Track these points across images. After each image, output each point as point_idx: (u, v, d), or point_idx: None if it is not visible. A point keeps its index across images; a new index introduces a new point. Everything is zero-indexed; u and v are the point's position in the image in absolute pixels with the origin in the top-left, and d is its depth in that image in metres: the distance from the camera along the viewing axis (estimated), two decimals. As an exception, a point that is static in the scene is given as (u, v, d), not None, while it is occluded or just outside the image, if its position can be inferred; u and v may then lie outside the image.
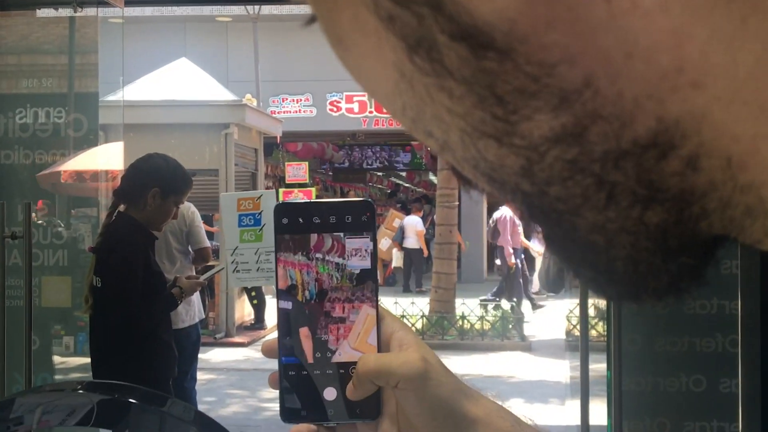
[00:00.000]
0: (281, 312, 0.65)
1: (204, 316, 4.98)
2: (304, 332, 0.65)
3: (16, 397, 0.66)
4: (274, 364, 0.65)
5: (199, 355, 4.71)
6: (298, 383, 0.64)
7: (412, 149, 20.18)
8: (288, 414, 0.64)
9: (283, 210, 0.65)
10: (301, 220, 0.65)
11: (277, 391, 0.65)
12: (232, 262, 2.77)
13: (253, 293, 9.84)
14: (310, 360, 0.64)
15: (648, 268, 0.30)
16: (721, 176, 0.27)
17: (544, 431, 0.65)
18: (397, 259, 14.63)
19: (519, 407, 0.76)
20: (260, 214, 2.75)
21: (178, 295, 3.27)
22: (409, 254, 14.46)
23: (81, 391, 0.70)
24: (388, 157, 20.23)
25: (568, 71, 0.27)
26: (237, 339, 9.47)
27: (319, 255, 0.65)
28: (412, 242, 14.35)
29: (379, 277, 0.68)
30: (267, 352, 0.66)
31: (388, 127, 16.51)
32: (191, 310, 4.36)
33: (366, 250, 0.65)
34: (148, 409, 0.68)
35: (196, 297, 4.27)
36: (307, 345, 0.65)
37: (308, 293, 0.65)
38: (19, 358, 2.98)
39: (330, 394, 0.64)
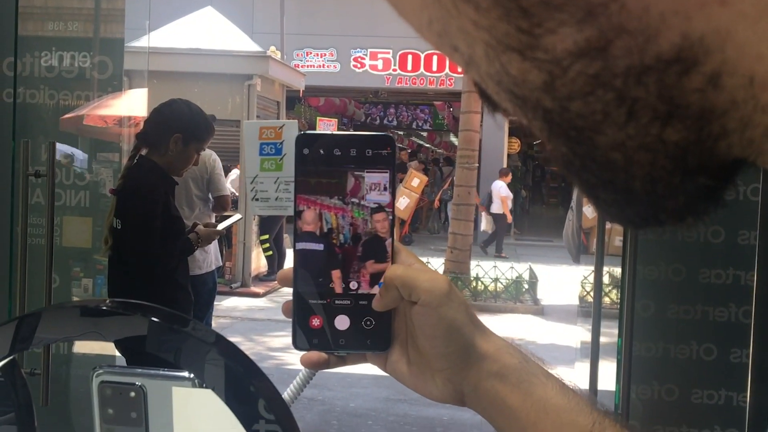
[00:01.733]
0: (298, 241, 0.66)
1: (221, 264, 5.02)
2: (319, 262, 0.66)
3: (42, 311, 0.68)
4: (287, 316, 0.66)
5: (215, 303, 4.77)
6: (311, 312, 0.65)
7: (434, 109, 20.06)
8: (300, 341, 0.66)
9: (304, 140, 0.66)
10: (321, 151, 0.65)
11: (289, 329, 0.66)
12: (251, 190, 2.77)
13: (267, 245, 9.90)
14: (324, 290, 0.66)
15: (666, 187, 0.30)
16: (742, 95, 0.27)
17: (552, 369, 0.66)
18: (486, 223, 14.57)
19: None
20: (281, 143, 2.74)
21: (195, 241, 3.30)
22: (494, 219, 14.39)
23: (104, 308, 0.71)
24: (410, 116, 20.12)
25: None
26: (253, 289, 9.57)
27: (339, 186, 0.65)
28: (496, 207, 14.25)
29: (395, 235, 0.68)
30: (282, 280, 0.67)
31: (411, 85, 16.40)
32: (208, 258, 4.40)
33: (385, 185, 0.66)
34: (171, 328, 0.70)
35: (213, 245, 4.31)
36: (322, 275, 0.66)
37: (325, 223, 0.65)
38: (39, 296, 3.03)
39: (342, 324, 0.65)
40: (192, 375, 0.73)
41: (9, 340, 0.69)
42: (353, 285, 0.65)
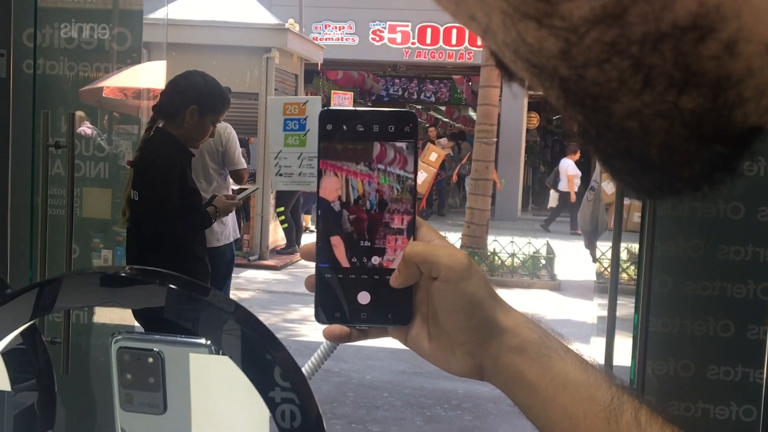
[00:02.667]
0: (320, 217, 0.66)
1: (239, 237, 5.05)
2: (342, 237, 0.66)
3: (63, 277, 0.69)
4: (304, 289, 0.66)
5: (232, 276, 4.81)
6: (334, 286, 0.66)
7: (452, 83, 19.94)
8: (322, 315, 0.66)
9: (327, 116, 0.66)
10: (345, 127, 0.65)
11: (311, 303, 0.66)
12: (275, 165, 2.79)
13: (282, 218, 9.94)
14: (347, 264, 0.66)
15: (682, 155, 0.30)
16: (758, 62, 0.27)
17: (572, 344, 0.66)
18: (552, 200, 14.56)
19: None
20: (305, 119, 2.75)
21: (213, 214, 3.32)
22: (560, 197, 14.32)
23: (124, 274, 0.72)
24: (428, 90, 20.02)
25: None
26: (270, 262, 9.62)
27: (362, 163, 0.66)
28: (563, 186, 14.17)
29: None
30: (305, 255, 0.67)
31: (429, 59, 16.31)
32: (226, 230, 4.42)
33: (407, 161, 0.66)
34: (190, 296, 0.71)
35: (231, 217, 4.33)
36: (344, 250, 0.66)
37: (348, 199, 0.66)
38: (59, 266, 3.07)
39: (364, 298, 0.66)
40: (209, 342, 0.74)
41: (30, 306, 0.70)
42: (375, 260, 0.66)
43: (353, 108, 0.68)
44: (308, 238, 9.46)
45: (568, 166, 14.19)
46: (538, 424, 0.63)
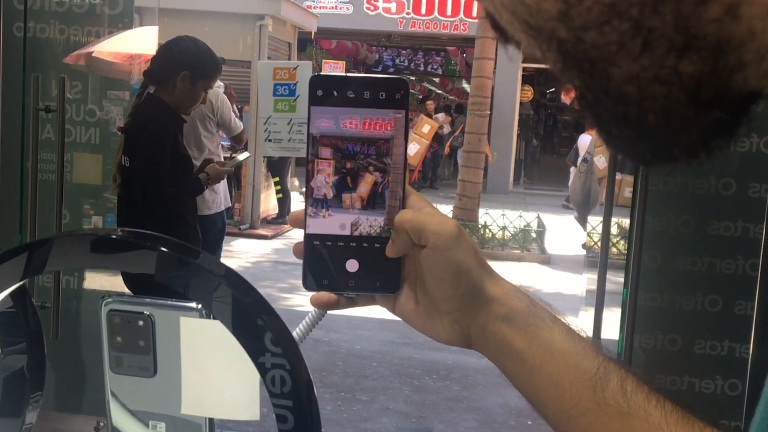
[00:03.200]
0: (309, 184, 0.66)
1: (230, 205, 5.04)
2: (331, 205, 0.66)
3: (54, 238, 0.69)
4: (295, 259, 0.66)
5: (223, 245, 4.80)
6: (322, 254, 0.65)
7: (447, 55, 19.84)
8: (310, 282, 0.66)
9: (318, 82, 0.65)
10: (335, 93, 0.65)
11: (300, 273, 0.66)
12: (265, 131, 2.77)
13: (279, 188, 9.92)
14: (335, 231, 0.66)
15: (680, 122, 0.30)
16: (760, 25, 0.27)
17: (559, 314, 0.66)
18: (572, 177, 14.55)
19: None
20: (295, 84, 2.72)
21: (204, 180, 3.30)
22: None
23: (115, 236, 0.72)
24: (422, 61, 19.92)
25: None
26: (261, 231, 9.62)
27: (352, 130, 0.65)
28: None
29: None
30: (294, 222, 0.67)
31: (424, 30, 16.20)
32: (217, 198, 4.41)
33: (398, 128, 0.65)
34: (180, 259, 0.70)
35: (222, 185, 4.32)
36: (333, 217, 0.66)
37: (338, 167, 0.65)
38: (49, 231, 3.06)
39: (352, 265, 0.66)
40: (200, 306, 0.74)
41: (21, 267, 0.70)
42: (364, 228, 0.66)
43: (344, 74, 0.67)
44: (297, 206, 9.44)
45: (587, 142, 14.16)
46: (525, 392, 0.63)
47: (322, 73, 0.68)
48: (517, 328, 0.62)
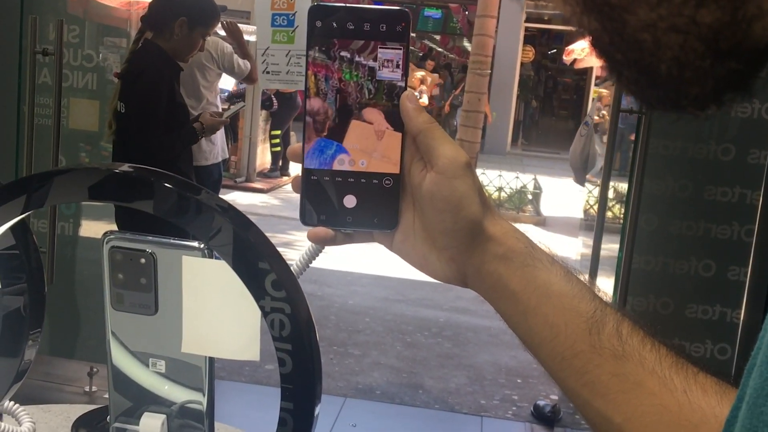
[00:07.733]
0: (308, 116, 0.65)
1: (227, 157, 5.01)
2: (329, 139, 0.65)
3: (54, 176, 0.68)
4: (291, 212, 0.65)
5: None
6: (320, 189, 0.65)
7: (449, 12, 19.63)
8: (308, 217, 0.65)
9: (317, 12, 0.64)
10: (335, 24, 0.63)
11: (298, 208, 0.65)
12: (263, 63, 2.70)
13: (276, 140, 9.87)
14: (333, 167, 0.65)
15: (694, 72, 0.30)
16: None
17: (558, 257, 0.66)
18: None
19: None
20: (294, 14, 2.65)
21: (200, 130, 3.28)
22: None
23: (118, 171, 0.71)
24: (423, 18, 19.71)
25: None
26: (256, 185, 9.60)
27: (351, 63, 0.64)
28: None
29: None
30: (292, 156, 0.66)
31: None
32: (214, 149, 4.38)
33: (398, 63, 0.64)
34: (182, 194, 0.70)
35: (219, 136, 4.28)
36: (331, 152, 0.65)
37: (337, 100, 0.64)
38: (45, 175, 3.04)
39: (350, 201, 0.65)
40: (202, 245, 0.74)
41: (22, 200, 0.70)
42: (362, 163, 0.65)
43: (344, 5, 0.65)
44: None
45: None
46: (519, 333, 0.63)
47: (321, 3, 0.67)
48: (513, 268, 0.62)
